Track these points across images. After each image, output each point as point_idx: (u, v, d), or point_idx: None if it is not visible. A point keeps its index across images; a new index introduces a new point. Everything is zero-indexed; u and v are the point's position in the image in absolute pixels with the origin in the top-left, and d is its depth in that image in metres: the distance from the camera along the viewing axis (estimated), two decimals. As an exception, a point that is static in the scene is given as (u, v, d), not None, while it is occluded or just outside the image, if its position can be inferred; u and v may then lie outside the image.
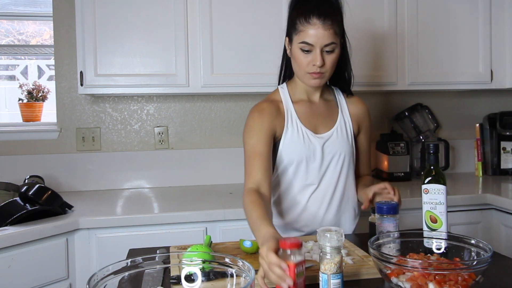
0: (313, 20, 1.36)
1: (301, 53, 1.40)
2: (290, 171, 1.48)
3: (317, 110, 1.52)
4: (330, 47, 1.38)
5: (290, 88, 1.54)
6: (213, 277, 0.98)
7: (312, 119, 1.50)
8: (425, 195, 1.24)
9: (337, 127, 1.51)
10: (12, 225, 1.71)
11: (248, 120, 1.48)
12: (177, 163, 2.56)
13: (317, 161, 1.47)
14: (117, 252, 1.73)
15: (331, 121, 1.52)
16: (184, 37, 2.20)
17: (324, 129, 1.50)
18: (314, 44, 1.37)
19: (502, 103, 2.90)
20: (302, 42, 1.38)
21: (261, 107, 1.49)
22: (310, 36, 1.37)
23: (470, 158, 2.84)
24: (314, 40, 1.37)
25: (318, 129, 1.50)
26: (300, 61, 1.41)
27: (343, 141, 1.50)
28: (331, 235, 0.92)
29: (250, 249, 1.26)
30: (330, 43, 1.37)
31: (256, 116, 1.46)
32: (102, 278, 0.77)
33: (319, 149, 1.47)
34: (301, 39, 1.38)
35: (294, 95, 1.53)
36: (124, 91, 2.23)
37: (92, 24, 2.14)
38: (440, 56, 2.45)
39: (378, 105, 2.78)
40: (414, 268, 0.92)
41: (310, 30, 1.36)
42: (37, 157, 2.43)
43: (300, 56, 1.40)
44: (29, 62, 2.83)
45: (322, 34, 1.36)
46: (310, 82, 1.45)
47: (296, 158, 1.46)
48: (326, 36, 1.37)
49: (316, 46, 1.37)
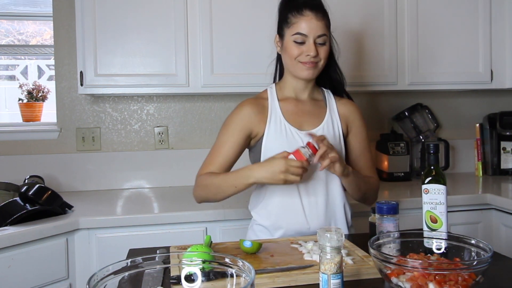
0: (306, 11, 1.42)
1: (294, 44, 1.44)
2: None
3: (303, 108, 1.54)
4: (322, 39, 1.43)
5: (278, 87, 1.58)
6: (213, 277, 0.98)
7: (297, 116, 1.52)
8: (425, 195, 1.24)
9: (324, 125, 1.51)
10: (12, 225, 1.71)
11: (228, 117, 1.54)
12: (177, 163, 2.56)
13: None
14: (117, 252, 1.73)
15: (317, 119, 1.53)
16: (184, 37, 2.20)
17: (309, 126, 1.51)
18: (308, 34, 1.42)
19: (502, 103, 2.90)
20: (295, 34, 1.42)
21: (244, 104, 1.54)
22: (303, 27, 1.42)
23: (470, 158, 2.84)
24: (308, 30, 1.41)
25: (303, 126, 1.50)
26: (292, 51, 1.44)
27: (330, 139, 1.47)
28: (331, 235, 0.92)
29: (250, 249, 1.25)
30: (322, 34, 1.43)
31: (234, 114, 1.52)
32: (102, 278, 0.77)
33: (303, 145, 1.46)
34: (294, 31, 1.43)
35: (282, 94, 1.56)
36: (124, 91, 2.23)
37: (92, 24, 2.14)
38: (440, 56, 2.45)
39: (378, 105, 2.79)
40: (414, 268, 0.92)
41: (303, 21, 1.42)
42: (37, 157, 2.43)
43: (293, 47, 1.44)
44: (29, 62, 2.83)
45: (316, 25, 1.41)
46: (302, 74, 1.47)
47: None
48: (319, 27, 1.42)
49: (309, 36, 1.42)
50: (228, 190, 1.41)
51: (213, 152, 1.51)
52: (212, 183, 1.44)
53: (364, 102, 2.73)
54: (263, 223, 1.52)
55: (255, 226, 1.57)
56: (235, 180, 1.39)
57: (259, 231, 1.55)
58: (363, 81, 2.34)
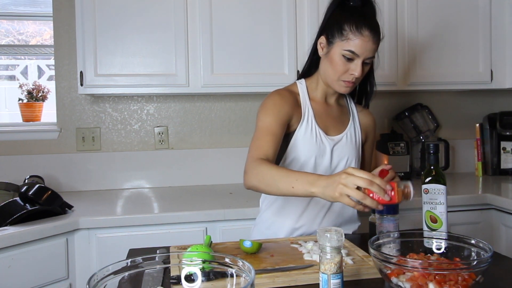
0: (365, 32, 1.35)
1: (343, 59, 1.38)
2: (296, 167, 1.45)
3: (330, 112, 1.52)
4: (370, 60, 1.39)
5: (309, 85, 1.53)
6: (213, 277, 0.98)
7: (325, 120, 1.50)
8: (425, 195, 1.24)
9: (347, 132, 1.52)
10: (12, 225, 1.71)
11: (268, 100, 1.45)
12: (177, 163, 2.56)
13: (326, 162, 1.46)
14: (117, 252, 1.73)
15: (342, 125, 1.53)
16: (184, 37, 2.20)
17: (335, 131, 1.50)
18: (360, 55, 1.36)
19: (502, 103, 2.90)
20: (348, 50, 1.36)
21: (283, 93, 1.47)
22: (358, 47, 1.35)
23: (470, 158, 2.84)
24: (361, 51, 1.35)
25: (329, 131, 1.49)
26: (339, 67, 1.39)
27: (352, 147, 1.51)
28: (331, 235, 0.92)
29: (250, 249, 1.25)
30: (372, 56, 1.39)
31: (277, 98, 1.44)
32: (102, 278, 0.77)
33: (329, 151, 1.46)
34: (347, 47, 1.36)
35: (312, 93, 1.52)
36: (124, 91, 2.23)
37: (92, 24, 2.14)
38: (440, 56, 2.45)
39: (378, 105, 2.78)
40: (414, 268, 0.92)
41: (360, 41, 1.35)
42: (37, 157, 2.43)
43: (340, 62, 1.38)
44: (29, 62, 2.83)
45: (371, 48, 1.36)
46: (340, 89, 1.44)
47: (305, 155, 1.44)
48: (373, 50, 1.37)
49: (361, 57, 1.36)
50: (283, 188, 1.21)
51: (260, 134, 1.38)
52: (270, 172, 1.25)
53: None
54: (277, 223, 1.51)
55: (262, 224, 1.56)
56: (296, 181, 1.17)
57: (267, 229, 1.53)
58: (363, 81, 2.33)
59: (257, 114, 1.44)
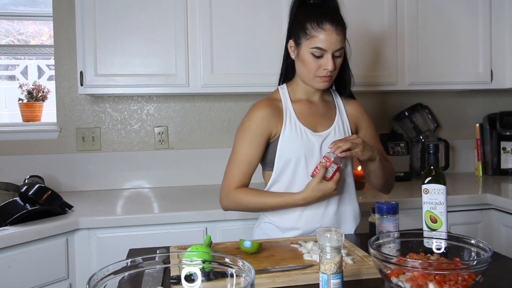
0: (326, 25, 1.38)
1: (312, 57, 1.42)
2: (289, 169, 1.48)
3: (316, 110, 1.55)
4: (340, 52, 1.42)
5: (290, 89, 1.56)
6: (213, 277, 0.98)
7: (311, 118, 1.52)
8: (425, 195, 1.24)
9: (335, 126, 1.53)
10: (12, 225, 1.71)
11: (246, 120, 1.52)
12: (177, 163, 2.56)
13: (316, 159, 1.47)
14: (117, 252, 1.73)
15: (329, 120, 1.54)
16: (184, 37, 2.20)
17: (322, 127, 1.52)
18: (327, 49, 1.40)
19: (502, 103, 2.90)
20: (314, 48, 1.40)
21: (260, 106, 1.51)
22: (323, 42, 1.39)
23: (470, 158, 2.84)
24: (327, 45, 1.39)
25: (317, 128, 1.52)
26: (311, 65, 1.43)
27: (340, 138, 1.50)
28: (331, 235, 0.92)
29: (250, 249, 1.25)
30: (340, 48, 1.41)
31: (255, 118, 1.49)
32: (102, 278, 0.77)
33: (318, 147, 1.48)
34: (313, 44, 1.40)
35: (294, 95, 1.55)
36: (124, 91, 2.23)
37: (92, 24, 2.14)
38: (440, 56, 2.45)
39: (378, 105, 2.78)
40: (414, 268, 0.92)
41: (323, 35, 1.38)
42: (37, 157, 2.43)
43: (311, 61, 1.42)
44: (29, 62, 2.83)
45: (335, 40, 1.39)
46: (318, 85, 1.48)
47: (295, 155, 1.47)
48: (338, 42, 1.40)
49: (328, 51, 1.40)
50: (273, 209, 1.51)
51: (237, 161, 1.50)
52: (253, 202, 1.48)
53: (364, 102, 2.71)
54: (277, 223, 1.52)
55: (264, 225, 1.56)
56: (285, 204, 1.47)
57: (269, 230, 1.54)
58: (363, 81, 2.33)
59: (236, 133, 1.54)
